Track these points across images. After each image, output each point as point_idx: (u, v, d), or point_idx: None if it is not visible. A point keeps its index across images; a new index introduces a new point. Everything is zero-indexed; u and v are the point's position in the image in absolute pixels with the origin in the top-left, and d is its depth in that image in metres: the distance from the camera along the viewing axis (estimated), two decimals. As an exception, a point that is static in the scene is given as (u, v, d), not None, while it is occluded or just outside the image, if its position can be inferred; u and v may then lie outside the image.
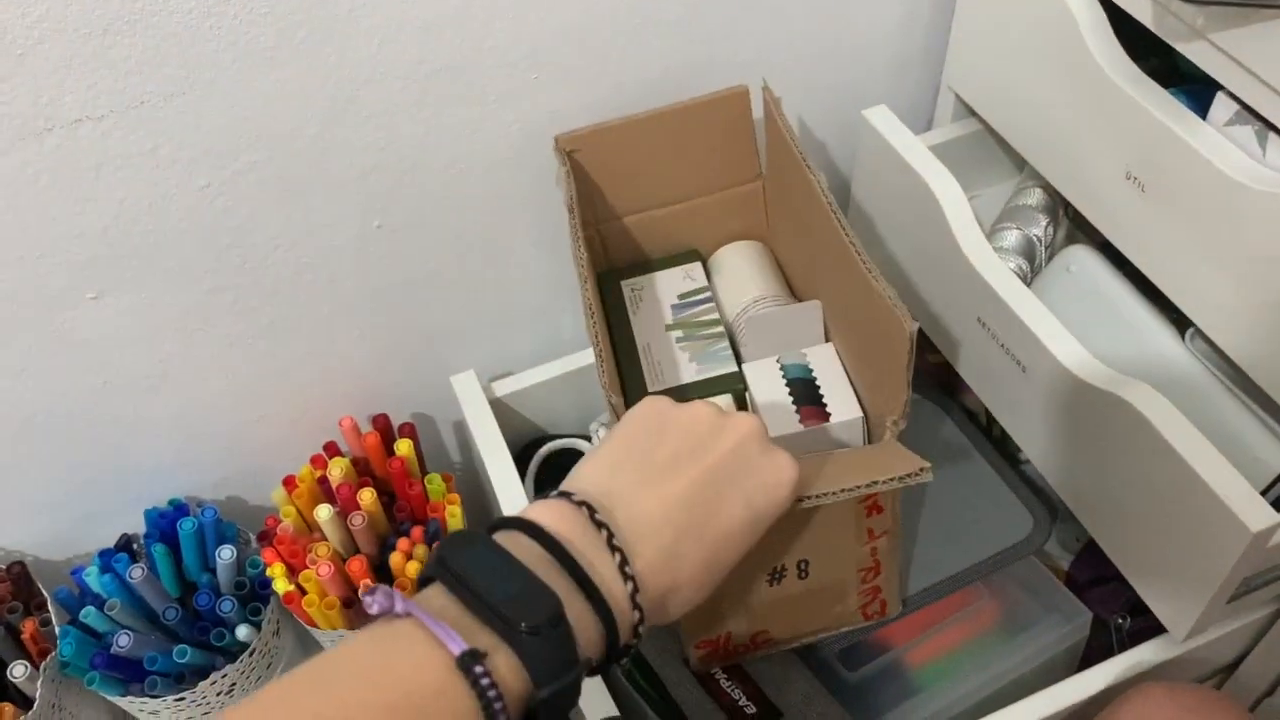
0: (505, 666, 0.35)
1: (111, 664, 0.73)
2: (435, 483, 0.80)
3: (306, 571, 0.76)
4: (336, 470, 0.79)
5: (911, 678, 0.73)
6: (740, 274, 0.80)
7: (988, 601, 0.74)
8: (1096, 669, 0.66)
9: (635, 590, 0.39)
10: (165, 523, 0.80)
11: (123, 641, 0.72)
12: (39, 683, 0.72)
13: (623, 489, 0.42)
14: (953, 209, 0.69)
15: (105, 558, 0.78)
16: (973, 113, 0.79)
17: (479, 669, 0.34)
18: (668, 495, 0.42)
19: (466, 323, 0.83)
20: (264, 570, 0.78)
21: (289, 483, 0.81)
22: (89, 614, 0.75)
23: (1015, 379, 0.67)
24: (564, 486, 0.42)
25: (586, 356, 0.83)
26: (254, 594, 0.79)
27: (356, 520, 0.76)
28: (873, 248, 0.79)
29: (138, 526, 0.81)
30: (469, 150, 0.72)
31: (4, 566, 0.77)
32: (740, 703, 0.65)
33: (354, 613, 0.77)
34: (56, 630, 0.75)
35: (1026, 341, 0.64)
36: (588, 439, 0.85)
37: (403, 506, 0.80)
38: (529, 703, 0.36)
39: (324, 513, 0.77)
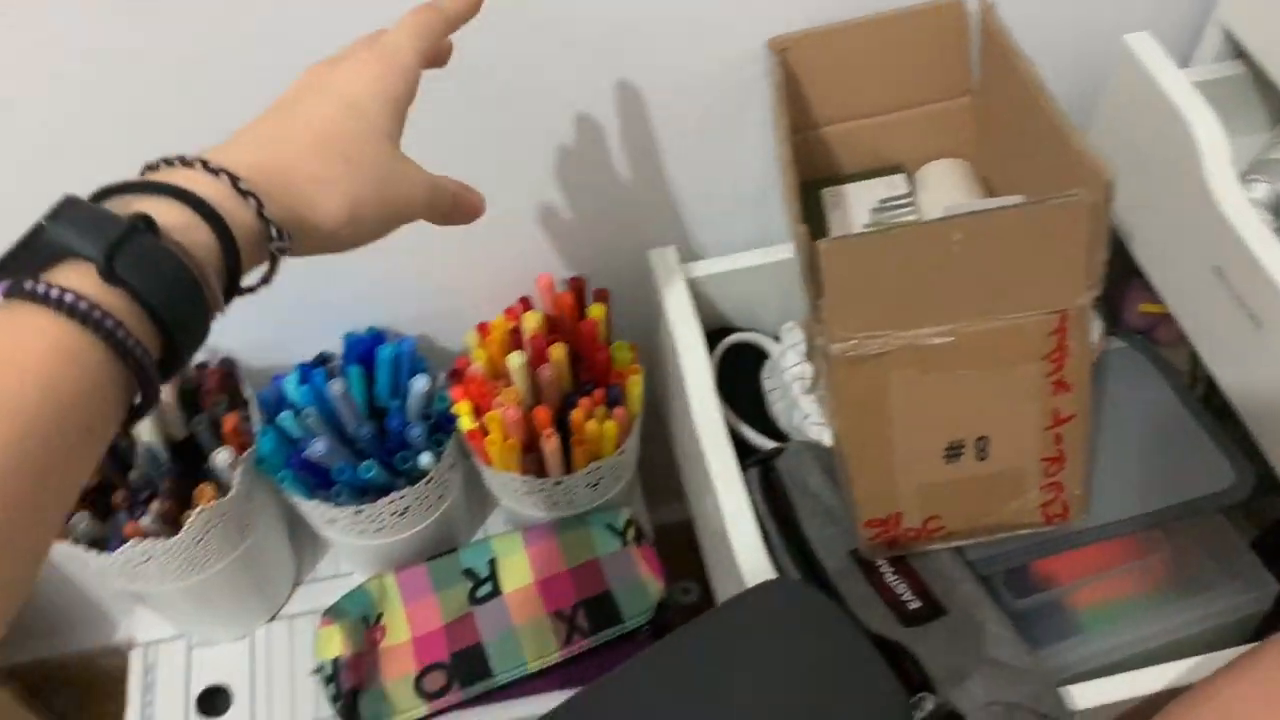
0: (95, 288, 0.33)
1: (303, 467, 0.78)
2: (622, 350, 0.82)
3: (492, 413, 0.79)
4: (531, 323, 0.81)
5: (1073, 618, 0.73)
6: (944, 192, 0.78)
7: (1165, 555, 0.73)
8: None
9: (233, 179, 0.38)
10: (362, 347, 0.84)
11: (318, 448, 0.76)
12: (238, 471, 0.76)
13: (212, 151, 0.41)
14: (1211, 151, 0.66)
15: (304, 370, 0.82)
16: (1238, 54, 0.75)
17: (59, 293, 0.31)
18: (246, 133, 0.43)
19: (673, 200, 0.84)
20: (450, 406, 0.81)
21: (482, 329, 0.84)
22: (285, 418, 0.80)
23: (1246, 334, 0.65)
24: None
25: (786, 251, 0.83)
26: (437, 427, 0.82)
27: (546, 372, 0.79)
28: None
29: (335, 348, 0.85)
30: (711, 28, 0.71)
31: (216, 362, 0.82)
32: (904, 597, 0.65)
33: (532, 458, 0.79)
34: (255, 428, 0.79)
35: (1267, 295, 0.62)
36: (776, 338, 0.85)
37: (587, 368, 0.82)
38: (157, 326, 0.34)
39: (515, 360, 0.79)
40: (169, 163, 0.38)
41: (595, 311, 0.82)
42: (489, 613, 0.83)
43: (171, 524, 0.76)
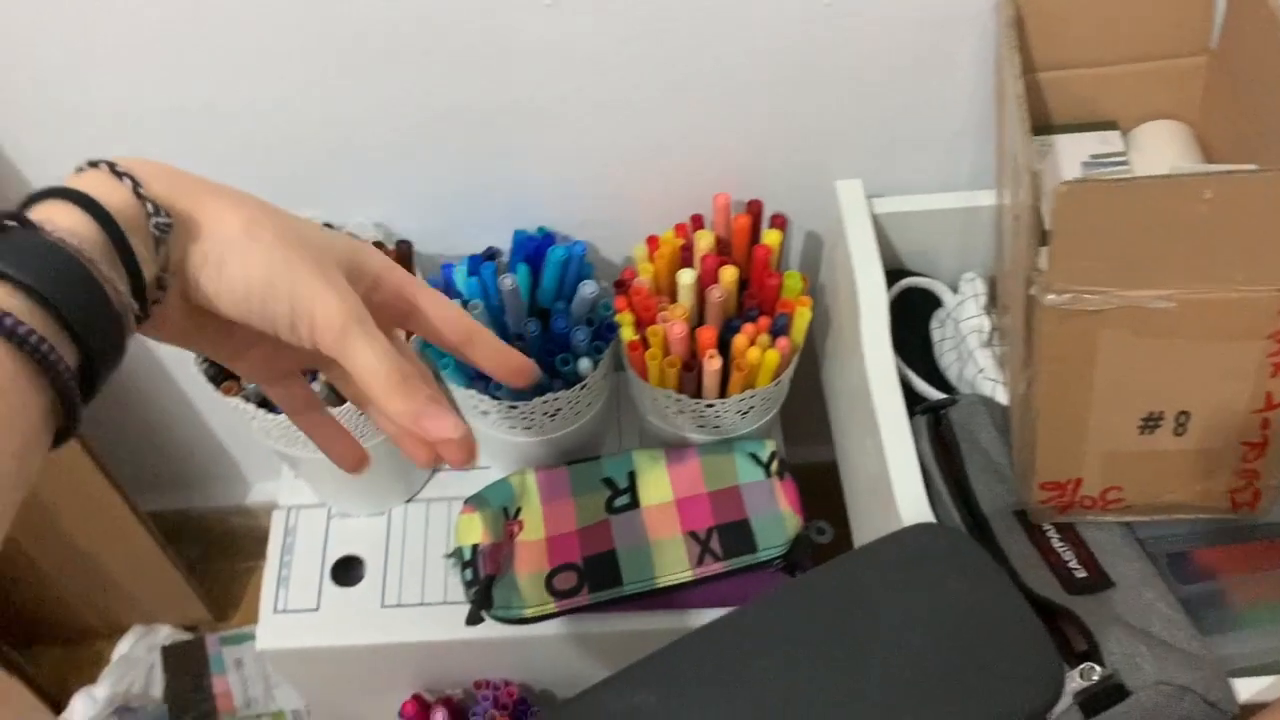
0: None
1: (468, 356, 0.78)
2: (794, 279, 0.80)
3: (655, 327, 0.78)
4: (703, 242, 0.80)
5: (1232, 613, 0.70)
6: (1161, 155, 0.74)
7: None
8: None
9: (110, 165, 0.36)
10: (531, 246, 0.84)
11: (484, 338, 0.77)
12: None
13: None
14: None
15: (473, 262, 0.83)
16: None
17: None
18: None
19: (864, 133, 0.81)
20: (612, 316, 0.81)
21: (651, 242, 0.83)
22: (453, 307, 0.80)
23: None
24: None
25: (979, 199, 0.80)
26: (597, 335, 0.82)
27: (715, 293, 0.78)
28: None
29: (503, 243, 0.85)
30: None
31: (392, 243, 0.83)
32: (1070, 564, 0.63)
33: (688, 377, 0.79)
34: (424, 312, 0.80)
35: None
36: (954, 289, 0.82)
37: (754, 294, 0.81)
38: (58, 321, 0.32)
39: (685, 277, 0.78)
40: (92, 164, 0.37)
41: (771, 238, 0.80)
42: (624, 523, 0.84)
43: (337, 394, 0.78)
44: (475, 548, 0.82)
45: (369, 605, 0.89)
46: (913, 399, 0.78)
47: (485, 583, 0.82)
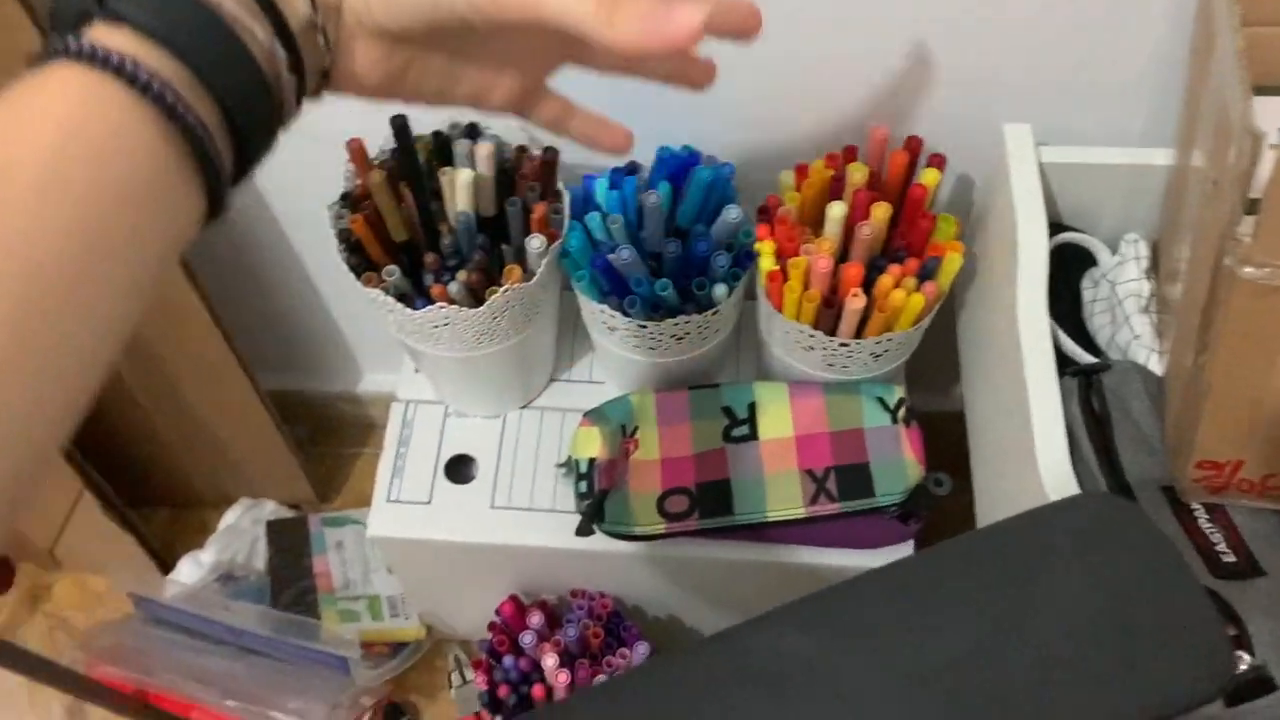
0: (145, 52, 0.29)
1: (605, 271, 0.78)
2: (948, 223, 0.77)
3: (797, 259, 0.76)
4: (856, 175, 0.78)
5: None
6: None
7: None
8: None
9: None
10: (675, 164, 0.82)
11: (624, 255, 0.76)
12: (544, 260, 0.77)
13: None
14: None
15: (615, 175, 0.82)
16: None
17: (96, 50, 0.28)
18: None
19: (1040, 75, 0.77)
20: (753, 243, 0.79)
21: (800, 170, 0.81)
22: (593, 219, 0.79)
23: None
24: None
25: (1153, 157, 0.76)
26: (734, 261, 0.80)
27: (865, 230, 0.75)
28: None
29: (646, 159, 0.84)
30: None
31: (539, 149, 0.81)
32: (1218, 547, 0.61)
33: (824, 314, 0.77)
34: (563, 223, 0.79)
35: None
36: (1112, 249, 0.79)
37: (903, 234, 0.78)
38: (217, 106, 0.31)
39: (836, 210, 0.76)
40: None
41: (928, 177, 0.77)
42: (741, 454, 0.83)
43: (472, 296, 0.78)
44: (592, 461, 0.82)
45: (479, 504, 0.90)
46: (1062, 360, 0.75)
47: (599, 497, 0.82)
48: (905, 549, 0.87)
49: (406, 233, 0.80)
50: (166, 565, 1.20)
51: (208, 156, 0.31)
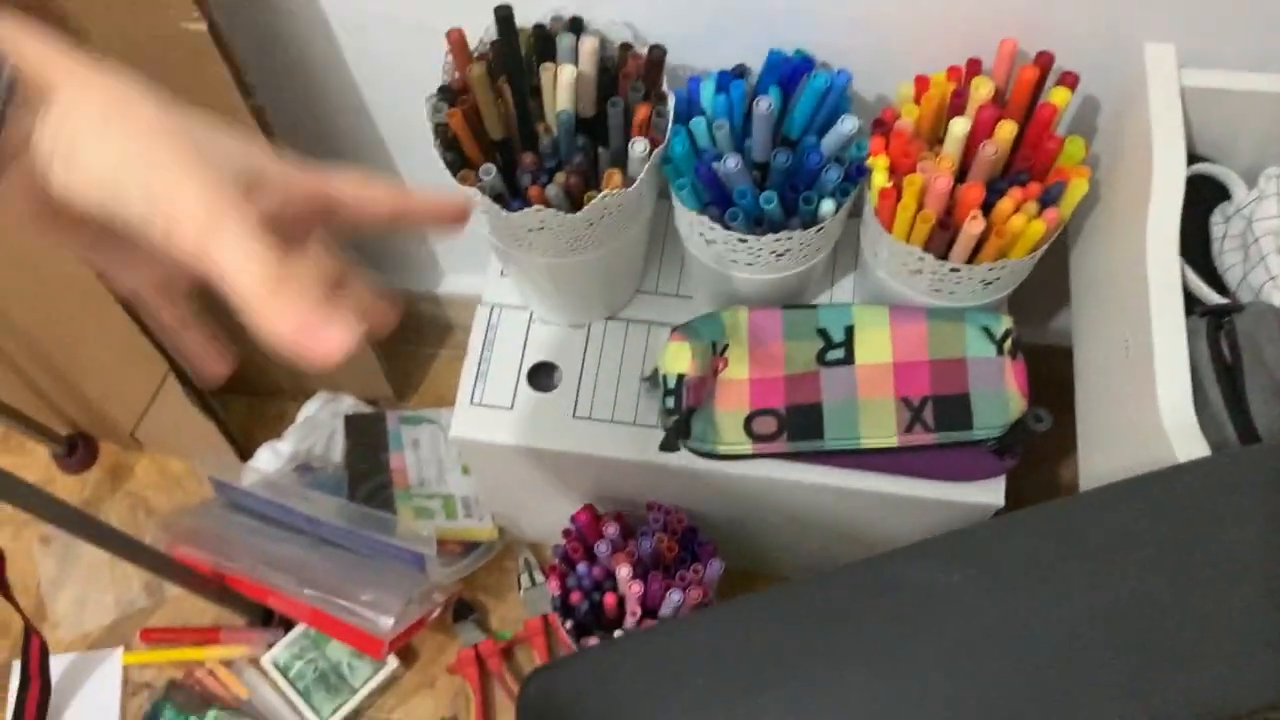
0: None
1: (709, 180, 0.74)
2: (1076, 146, 0.73)
3: (913, 176, 0.73)
4: (981, 90, 0.73)
5: None
6: None
7: None
8: None
9: None
10: (787, 69, 0.78)
11: (730, 164, 0.73)
12: (646, 166, 0.74)
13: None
14: None
15: (723, 78, 0.78)
16: None
17: None
18: None
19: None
20: (865, 157, 0.76)
21: (920, 83, 0.77)
22: (698, 125, 0.76)
23: None
24: None
25: (1307, 83, 0.70)
26: (846, 176, 0.77)
27: (989, 150, 0.71)
28: None
29: (755, 62, 0.80)
30: None
31: (644, 48, 0.78)
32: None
33: (936, 236, 0.74)
34: (666, 126, 0.76)
35: None
36: (1251, 183, 0.74)
37: (1026, 156, 0.74)
38: None
39: (959, 127, 0.72)
40: None
41: (1058, 97, 0.73)
42: (836, 378, 0.81)
43: (569, 200, 0.75)
44: (681, 378, 0.80)
45: (561, 413, 0.89)
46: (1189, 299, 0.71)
47: (687, 414, 0.80)
48: (997, 484, 0.84)
49: (503, 130, 0.78)
50: (245, 453, 1.21)
51: None
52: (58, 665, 1.13)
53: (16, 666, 1.13)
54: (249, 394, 1.29)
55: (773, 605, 0.44)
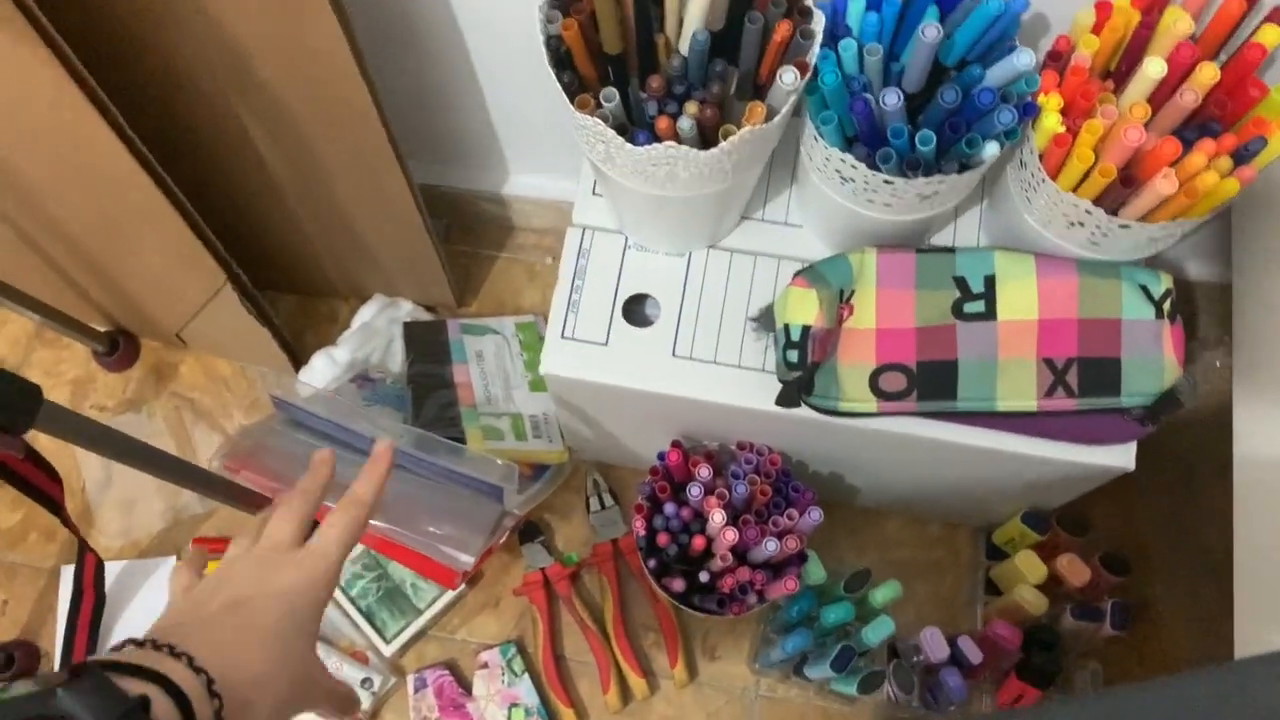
0: None
1: (864, 116, 0.66)
2: (1279, 96, 0.64)
3: (1093, 122, 0.64)
4: (1179, 24, 0.64)
5: None
6: None
7: None
8: None
9: (209, 681, 0.44)
10: (947, -12, 0.68)
11: (890, 100, 0.64)
12: (792, 96, 0.65)
13: (172, 628, 0.47)
14: None
15: (875, -6, 0.68)
16: None
17: None
18: (208, 620, 0.48)
19: None
20: (1033, 95, 0.67)
21: (1103, 9, 0.67)
22: (847, 48, 0.67)
23: None
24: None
25: None
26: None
27: (1187, 97, 0.63)
28: None
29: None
30: None
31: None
32: None
33: (1115, 192, 0.66)
34: (813, 50, 0.67)
35: None
36: None
37: (1220, 102, 0.65)
38: None
39: (1154, 68, 0.63)
40: (157, 646, 0.44)
41: (1268, 36, 0.63)
42: (974, 333, 0.74)
43: (700, 131, 0.67)
44: (807, 329, 0.73)
45: (659, 352, 0.82)
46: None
47: (811, 369, 0.74)
48: (1129, 448, 0.78)
49: (621, 44, 0.68)
50: (296, 355, 1.15)
51: None
52: (109, 573, 1.10)
53: (67, 574, 1.10)
54: (299, 292, 1.22)
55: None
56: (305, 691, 0.50)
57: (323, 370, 1.10)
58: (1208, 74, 0.62)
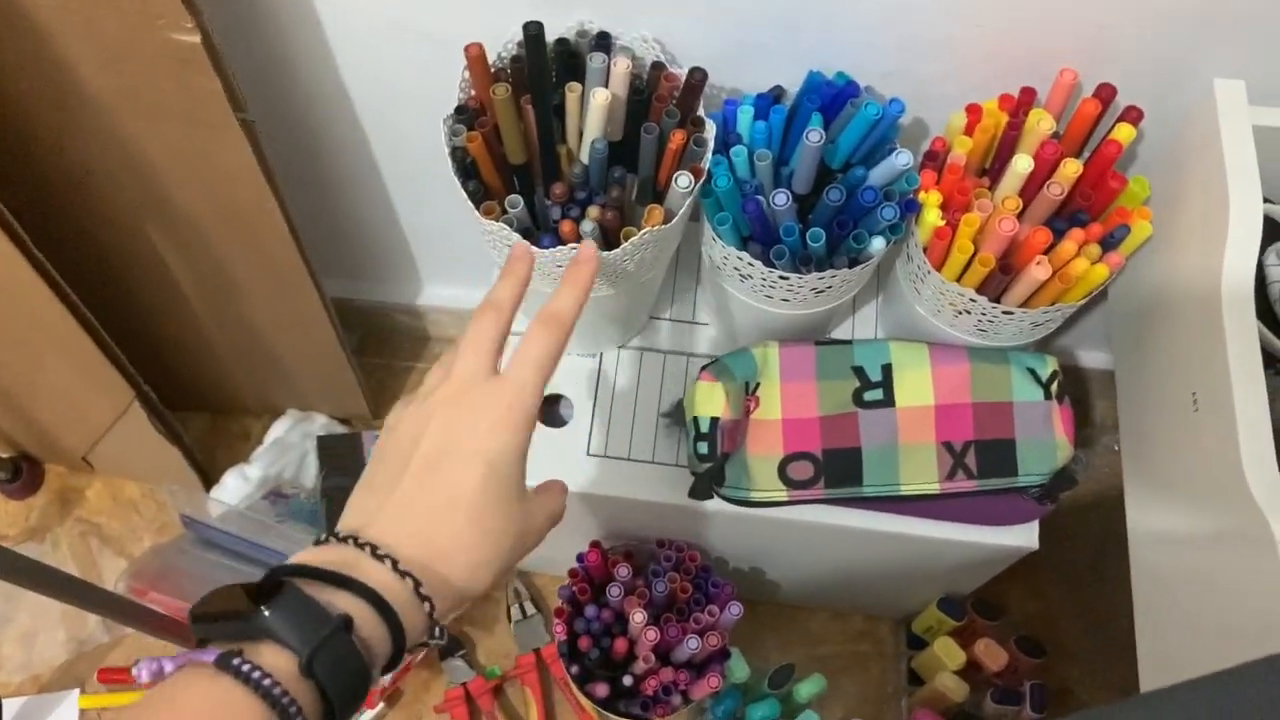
0: (293, 678, 0.37)
1: (756, 217, 0.69)
2: (1141, 186, 0.69)
3: (970, 215, 0.69)
4: (1041, 125, 0.69)
5: None
6: None
7: None
8: None
9: (416, 583, 0.41)
10: (829, 94, 0.72)
11: (779, 201, 0.68)
12: (687, 201, 0.68)
13: (371, 512, 0.44)
14: None
15: (761, 103, 0.73)
16: None
17: (261, 676, 0.36)
18: (402, 498, 0.44)
19: (1255, 21, 0.68)
20: (913, 193, 0.71)
21: (973, 112, 0.72)
22: (739, 154, 0.71)
23: None
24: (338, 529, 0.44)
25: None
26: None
27: (1054, 190, 0.67)
28: None
29: (790, 83, 0.75)
30: None
31: (680, 67, 0.72)
32: None
33: (995, 281, 0.70)
34: (706, 156, 0.70)
35: None
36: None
37: (1085, 194, 0.70)
38: (326, 706, 0.38)
39: (1022, 164, 0.68)
40: (359, 544, 0.42)
41: (1122, 133, 0.69)
42: (875, 421, 0.77)
43: (603, 234, 0.69)
44: (715, 421, 0.75)
45: (574, 451, 0.83)
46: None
47: (721, 460, 0.75)
48: (1031, 528, 0.81)
49: (524, 154, 0.71)
50: (207, 474, 1.13)
51: None
52: (8, 710, 1.05)
53: (-40, 714, 1.04)
54: (210, 410, 1.21)
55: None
56: (521, 544, 0.46)
57: (235, 488, 1.08)
58: (1071, 169, 0.67)
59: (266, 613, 0.37)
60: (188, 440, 1.10)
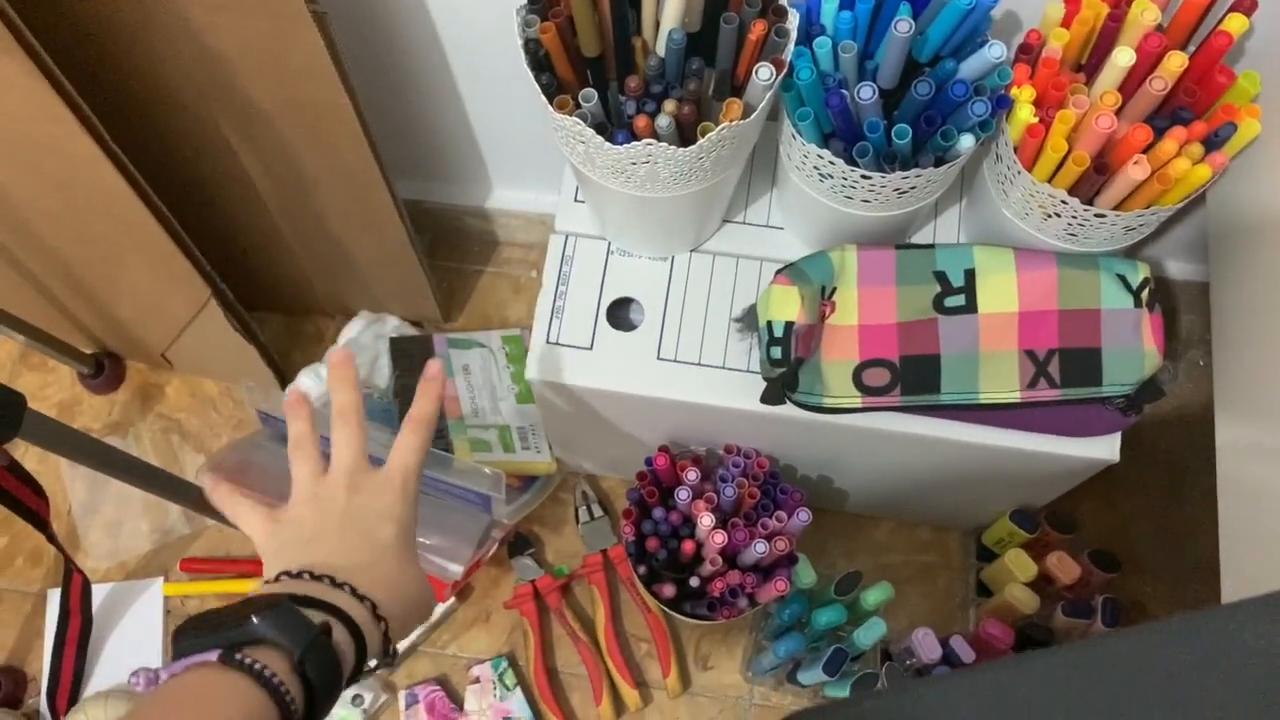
0: (286, 673, 0.44)
1: (841, 111, 0.67)
2: (1251, 81, 0.65)
3: (1065, 112, 0.65)
4: (1146, 15, 0.65)
5: None
6: None
7: None
8: None
9: (374, 606, 0.50)
10: (919, -17, 0.69)
11: (865, 94, 0.65)
12: (768, 95, 0.66)
13: (313, 555, 0.52)
14: None
15: (849, -7, 0.69)
16: None
17: (263, 669, 0.43)
18: (340, 544, 0.53)
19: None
20: (1005, 87, 0.68)
21: (1070, 2, 0.68)
22: (822, 46, 0.68)
23: None
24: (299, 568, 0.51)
25: None
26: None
27: (1157, 85, 0.64)
28: None
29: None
30: None
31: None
32: None
33: (1089, 181, 0.66)
34: (788, 48, 0.68)
35: None
36: None
37: (1190, 90, 0.66)
38: (311, 699, 0.45)
39: (1123, 57, 0.64)
40: (315, 577, 0.50)
41: (1233, 24, 0.65)
42: (955, 327, 0.75)
43: (679, 130, 0.67)
44: (789, 326, 0.74)
45: (644, 355, 0.83)
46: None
47: (795, 365, 0.74)
48: (1113, 439, 0.79)
49: (598, 46, 0.69)
50: (283, 374, 1.15)
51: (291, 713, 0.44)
52: (96, 595, 1.09)
53: (54, 597, 1.09)
54: (285, 312, 1.22)
55: (1094, 662, 0.38)
56: (430, 596, 0.55)
57: (309, 387, 1.10)
58: (1176, 62, 0.63)
59: (256, 620, 0.44)
60: (263, 340, 1.11)
